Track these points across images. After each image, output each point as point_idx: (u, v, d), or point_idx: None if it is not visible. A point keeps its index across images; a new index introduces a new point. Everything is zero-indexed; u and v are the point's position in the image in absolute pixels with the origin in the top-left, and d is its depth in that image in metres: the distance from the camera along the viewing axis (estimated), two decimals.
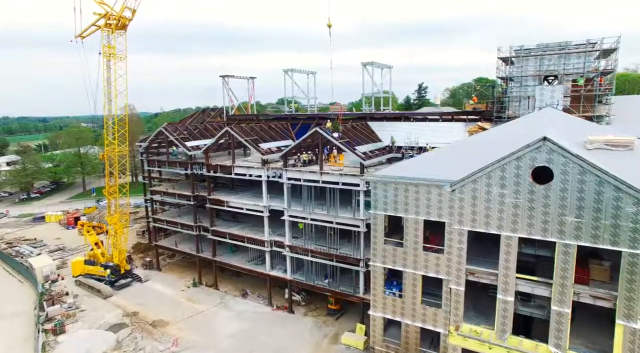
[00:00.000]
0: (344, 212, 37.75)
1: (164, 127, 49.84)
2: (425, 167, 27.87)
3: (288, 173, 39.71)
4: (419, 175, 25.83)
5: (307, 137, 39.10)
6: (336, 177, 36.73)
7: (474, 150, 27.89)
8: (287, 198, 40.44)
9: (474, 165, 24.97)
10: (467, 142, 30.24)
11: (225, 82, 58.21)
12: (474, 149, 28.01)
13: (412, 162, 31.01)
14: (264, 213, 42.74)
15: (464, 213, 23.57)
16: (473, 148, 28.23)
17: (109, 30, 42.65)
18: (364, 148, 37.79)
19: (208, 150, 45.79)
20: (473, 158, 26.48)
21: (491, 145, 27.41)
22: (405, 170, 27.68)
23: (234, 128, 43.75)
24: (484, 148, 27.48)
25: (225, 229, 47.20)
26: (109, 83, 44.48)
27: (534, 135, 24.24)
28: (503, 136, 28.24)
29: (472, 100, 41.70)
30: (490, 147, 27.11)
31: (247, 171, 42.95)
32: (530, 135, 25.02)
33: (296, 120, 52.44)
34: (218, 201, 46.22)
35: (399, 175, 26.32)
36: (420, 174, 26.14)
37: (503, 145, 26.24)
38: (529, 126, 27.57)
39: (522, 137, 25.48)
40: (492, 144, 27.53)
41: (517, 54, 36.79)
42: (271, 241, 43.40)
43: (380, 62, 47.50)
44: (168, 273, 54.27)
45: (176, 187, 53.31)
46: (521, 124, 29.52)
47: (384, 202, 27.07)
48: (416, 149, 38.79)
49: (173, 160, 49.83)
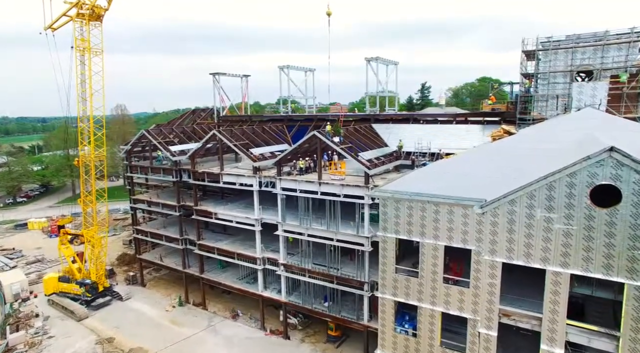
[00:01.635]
0: (346, 228, 33.05)
1: (146, 130, 45.18)
2: (444, 179, 23.17)
3: (282, 182, 35.01)
4: (438, 191, 21.11)
5: (304, 142, 34.41)
6: (337, 188, 32.05)
7: (504, 161, 23.18)
8: (281, 211, 35.73)
9: (508, 181, 20.27)
10: (493, 150, 25.52)
11: (215, 81, 53.52)
12: (503, 159, 23.31)
13: (427, 172, 26.30)
14: (255, 227, 38.03)
15: (498, 240, 18.84)
16: (502, 157, 23.52)
17: (81, 21, 37.95)
18: (368, 154, 33.08)
19: (194, 155, 41.10)
20: (505, 170, 21.77)
21: (525, 155, 22.69)
22: (420, 184, 22.98)
23: (223, 131, 39.05)
24: (516, 158, 22.79)
25: (214, 243, 42.49)
26: (83, 81, 39.77)
27: (583, 143, 19.52)
28: (539, 143, 23.54)
29: (489, 99, 36.99)
30: (525, 158, 22.39)
31: (237, 179, 38.24)
32: (578, 142, 20.30)
33: (293, 121, 47.76)
34: (205, 212, 41.53)
35: (413, 190, 21.60)
36: (439, 189, 21.43)
37: (542, 155, 21.53)
38: (571, 131, 22.87)
39: (567, 145, 20.76)
40: (527, 153, 22.81)
41: (544, 47, 32.07)
42: (264, 258, 38.68)
43: (385, 57, 42.90)
44: (153, 289, 49.55)
45: (161, 196, 48.59)
46: (559, 128, 24.83)
47: (395, 223, 22.35)
48: (428, 155, 34.09)
49: (157, 166, 45.12)
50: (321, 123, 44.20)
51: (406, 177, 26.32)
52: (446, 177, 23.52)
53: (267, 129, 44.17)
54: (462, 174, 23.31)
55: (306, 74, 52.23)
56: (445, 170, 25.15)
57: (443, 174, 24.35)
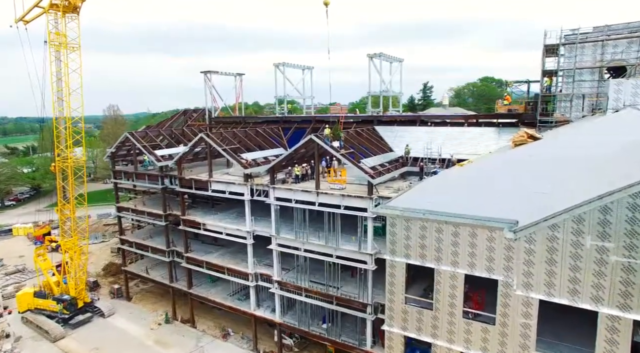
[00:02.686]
0: (347, 243, 29.62)
1: (130, 133, 41.69)
2: (461, 192, 19.73)
3: (276, 191, 31.54)
4: (456, 207, 17.66)
5: (301, 147, 30.96)
6: (337, 198, 28.59)
7: (532, 171, 19.70)
8: (274, 222, 32.27)
9: (540, 197, 16.85)
10: (517, 158, 22.04)
11: (207, 79, 50.03)
12: (531, 169, 19.84)
13: (440, 183, 22.85)
14: (247, 240, 34.55)
15: (534, 273, 15.37)
16: (529, 167, 20.06)
17: (55, 13, 34.47)
18: (371, 161, 29.60)
19: (181, 160, 37.61)
20: (535, 184, 18.30)
21: (558, 165, 19.19)
22: (433, 197, 19.55)
23: (211, 134, 35.57)
24: (547, 168, 19.30)
25: (202, 256, 38.99)
26: (59, 79, 36.29)
27: (634, 150, 16.05)
28: (573, 150, 20.09)
29: (504, 99, 33.50)
30: (558, 168, 18.91)
31: (227, 187, 34.76)
32: (627, 151, 16.82)
33: (289, 123, 44.29)
34: (193, 223, 38.04)
35: (427, 206, 18.14)
36: (456, 204, 18.00)
37: (582, 166, 18.06)
38: (613, 135, 19.41)
39: (613, 153, 17.27)
40: (560, 163, 19.32)
41: (568, 41, 28.60)
42: (256, 274, 35.21)
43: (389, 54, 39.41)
44: (139, 303, 46.06)
45: (148, 203, 45.09)
46: (596, 132, 21.39)
47: (406, 246, 18.88)
48: (438, 161, 30.61)
49: (141, 171, 41.61)
50: (320, 125, 40.74)
51: (416, 188, 22.82)
52: (463, 189, 20.06)
53: (261, 131, 40.69)
54: (482, 186, 19.84)
55: (304, 72, 48.74)
56: (461, 180, 21.68)
57: (459, 186, 20.89)
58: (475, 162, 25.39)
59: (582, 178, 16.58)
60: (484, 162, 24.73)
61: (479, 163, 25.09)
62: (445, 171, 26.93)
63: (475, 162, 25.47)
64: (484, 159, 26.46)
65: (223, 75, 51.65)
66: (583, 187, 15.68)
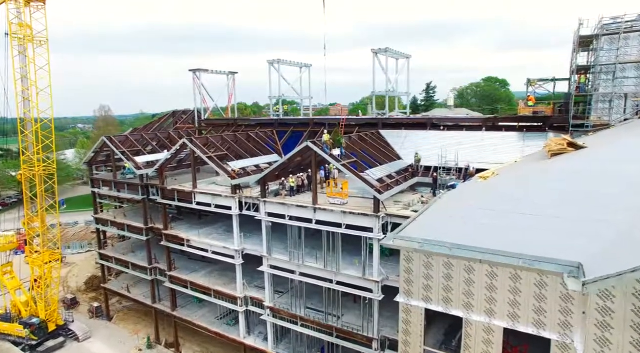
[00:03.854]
0: (349, 267, 25.57)
1: (107, 137, 37.61)
2: (494, 217, 15.56)
3: (267, 206, 27.46)
4: (488, 237, 13.58)
5: (296, 154, 26.84)
6: (337, 215, 24.50)
7: (582, 191, 15.57)
8: (266, 241, 28.18)
9: (606, 230, 12.76)
10: (557, 171, 17.89)
11: (195, 78, 45.91)
12: (584, 189, 15.69)
13: (463, 201, 18.69)
14: (235, 259, 30.45)
15: (612, 340, 11.22)
16: (581, 186, 15.92)
17: (17, 0, 30.40)
18: (377, 171, 25.46)
19: (163, 168, 33.50)
20: (596, 210, 14.16)
21: (623, 186, 15.06)
22: (458, 223, 15.44)
23: (195, 139, 31.47)
24: (608, 189, 15.16)
25: (187, 275, 34.91)
26: (23, 76, 32.20)
27: None
28: (637, 165, 15.97)
29: (527, 99, 29.36)
30: (625, 190, 14.76)
31: (212, 200, 30.66)
32: None
33: (285, 126, 40.18)
34: (176, 238, 33.93)
35: (453, 239, 14.00)
36: (488, 233, 13.94)
37: None
38: None
39: None
40: (625, 184, 15.19)
41: (608, 30, 24.45)
42: (246, 298, 31.12)
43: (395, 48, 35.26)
44: (120, 324, 41.96)
45: (129, 214, 40.95)
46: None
47: (425, 286, 14.76)
48: (454, 171, 26.47)
49: (120, 180, 37.55)
50: (318, 128, 36.64)
51: (434, 208, 18.66)
52: (495, 212, 15.88)
53: (253, 135, 36.55)
54: (519, 208, 15.66)
55: (301, 70, 44.57)
56: (489, 199, 17.49)
57: (488, 206, 16.70)
58: (502, 175, 21.28)
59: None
60: (514, 175, 20.62)
61: (506, 176, 20.98)
62: (464, 184, 22.78)
63: (501, 175, 21.37)
64: (512, 170, 22.34)
65: (214, 73, 47.52)
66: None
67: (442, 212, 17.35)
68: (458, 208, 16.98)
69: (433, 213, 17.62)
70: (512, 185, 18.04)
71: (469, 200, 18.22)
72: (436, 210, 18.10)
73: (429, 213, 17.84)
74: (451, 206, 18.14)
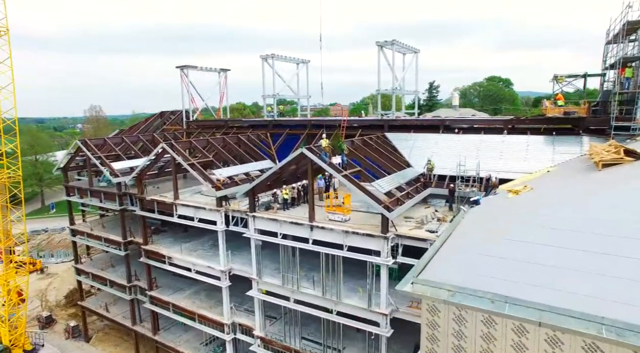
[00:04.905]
0: (352, 295, 21.81)
1: (82, 141, 33.86)
2: (543, 252, 11.75)
3: (257, 221, 23.70)
4: (553, 294, 9.82)
5: (290, 162, 23.03)
6: (338, 235, 20.74)
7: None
8: (255, 262, 24.43)
9: None
10: (624, 190, 14.06)
11: (183, 75, 42.15)
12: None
13: (496, 226, 14.87)
14: (221, 281, 26.69)
15: None
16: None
17: None
18: (385, 183, 21.65)
19: (142, 175, 29.73)
20: None
21: None
22: (496, 262, 11.64)
23: (175, 144, 27.69)
24: None
25: (170, 295, 31.18)
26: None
27: None
28: None
29: (556, 98, 25.56)
30: None
31: (195, 213, 26.90)
32: None
33: (280, 128, 36.42)
34: (156, 255, 30.18)
35: (498, 290, 10.21)
36: (552, 287, 10.12)
37: None
38: None
39: None
40: None
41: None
42: (234, 324, 27.36)
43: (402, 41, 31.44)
44: (98, 345, 38.19)
45: (109, 225, 37.18)
46: None
47: (457, 348, 11.00)
48: (475, 182, 22.68)
49: (97, 188, 33.80)
50: (317, 131, 32.92)
51: (458, 233, 14.85)
52: (547, 245, 12.06)
53: (244, 139, 32.77)
54: (579, 239, 11.88)
55: (298, 67, 40.82)
56: (532, 225, 13.69)
57: (534, 236, 12.89)
58: (538, 189, 17.51)
59: None
60: (555, 190, 16.83)
61: (545, 191, 17.20)
62: (490, 200, 18.97)
63: (536, 189, 17.60)
64: (549, 183, 18.56)
65: (203, 71, 43.75)
66: None
67: (472, 242, 13.53)
68: (493, 238, 13.14)
69: (460, 242, 13.83)
70: (559, 207, 14.23)
71: (503, 224, 14.38)
72: (463, 238, 14.30)
73: (454, 241, 14.05)
74: (482, 233, 14.32)
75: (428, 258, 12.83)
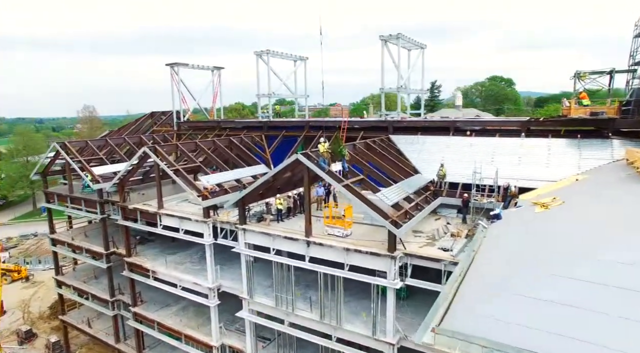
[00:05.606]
0: (354, 319, 19.29)
1: (60, 144, 31.34)
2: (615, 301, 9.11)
3: (247, 235, 21.18)
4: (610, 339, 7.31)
5: (285, 169, 20.46)
6: (338, 253, 18.22)
7: None
8: (246, 279, 21.91)
9: None
10: None
11: (174, 73, 39.62)
12: None
13: (529, 253, 12.26)
14: (209, 299, 24.17)
15: None
16: None
17: None
18: (392, 192, 19.10)
19: (123, 182, 27.22)
20: None
21: None
22: (545, 310, 9.07)
23: (159, 147, 25.16)
24: None
25: (155, 312, 28.65)
26: None
27: None
28: None
29: (579, 96, 23.04)
30: None
31: (180, 224, 24.37)
32: None
33: (276, 129, 33.91)
34: (140, 268, 27.66)
35: (548, 350, 7.70)
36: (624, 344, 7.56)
37: None
38: None
39: None
40: None
41: None
42: (223, 346, 24.83)
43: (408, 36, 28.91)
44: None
45: (92, 234, 34.62)
46: None
47: None
48: (490, 191, 20.16)
49: (77, 195, 31.27)
50: (315, 133, 30.46)
51: (483, 260, 12.33)
52: (605, 285, 9.48)
53: (237, 142, 30.24)
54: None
55: (296, 64, 38.27)
56: (576, 254, 11.14)
57: (581, 270, 10.29)
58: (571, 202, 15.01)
59: None
60: (596, 205, 14.28)
61: (581, 205, 14.70)
62: (513, 215, 16.43)
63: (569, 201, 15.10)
64: (583, 195, 16.06)
65: (195, 68, 41.22)
66: None
67: (506, 276, 10.86)
68: (535, 272, 10.45)
69: (488, 276, 11.25)
70: (606, 227, 11.70)
71: (545, 253, 11.69)
72: (490, 268, 11.73)
73: (480, 273, 11.50)
74: (516, 263, 11.67)
75: (448, 297, 10.28)
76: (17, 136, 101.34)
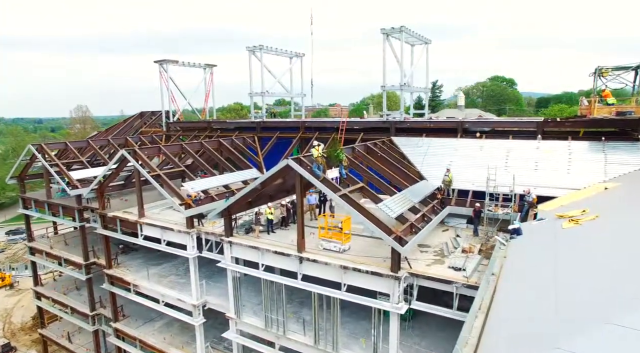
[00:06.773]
0: (352, 344, 17.08)
1: (36, 145, 29.17)
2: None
3: (234, 249, 18.97)
4: None
5: (275, 175, 18.21)
6: (335, 271, 16.01)
7: None
8: (233, 298, 19.70)
9: None
10: None
11: (163, 71, 37.44)
12: None
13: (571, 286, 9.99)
14: (193, 317, 21.97)
15: None
16: None
17: None
18: (396, 203, 16.88)
19: (102, 187, 25.01)
20: None
21: None
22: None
23: (139, 150, 22.94)
24: None
25: (138, 328, 26.43)
26: None
27: None
28: None
29: (602, 95, 20.87)
30: None
31: (162, 234, 22.16)
32: None
33: (269, 131, 31.73)
34: (121, 281, 25.44)
35: None
36: None
37: None
38: None
39: None
40: None
41: None
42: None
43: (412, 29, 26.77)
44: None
45: (72, 242, 32.38)
46: None
47: None
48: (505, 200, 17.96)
49: (55, 201, 29.06)
50: (311, 134, 28.31)
51: (510, 291, 10.10)
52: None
53: (227, 144, 28.04)
54: None
55: (291, 61, 36.10)
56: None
57: None
58: (609, 217, 12.83)
59: None
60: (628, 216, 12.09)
61: (617, 220, 12.51)
62: (537, 231, 14.24)
63: (605, 216, 12.92)
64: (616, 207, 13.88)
65: (185, 66, 39.05)
66: None
67: (536, 325, 8.60)
68: (576, 318, 8.21)
69: (515, 319, 8.95)
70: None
71: (578, 285, 9.42)
72: (517, 308, 9.43)
73: (505, 315, 9.20)
74: (552, 296, 9.39)
75: (471, 341, 8.07)
76: (8, 137, 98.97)
